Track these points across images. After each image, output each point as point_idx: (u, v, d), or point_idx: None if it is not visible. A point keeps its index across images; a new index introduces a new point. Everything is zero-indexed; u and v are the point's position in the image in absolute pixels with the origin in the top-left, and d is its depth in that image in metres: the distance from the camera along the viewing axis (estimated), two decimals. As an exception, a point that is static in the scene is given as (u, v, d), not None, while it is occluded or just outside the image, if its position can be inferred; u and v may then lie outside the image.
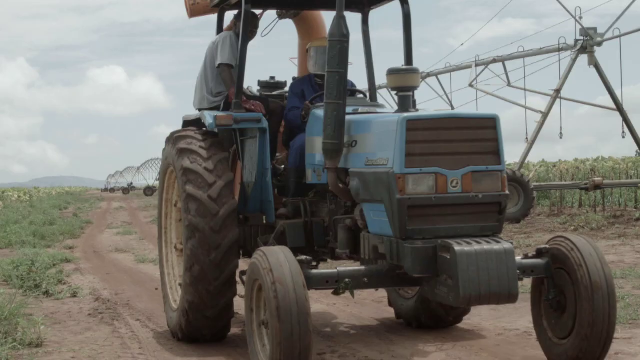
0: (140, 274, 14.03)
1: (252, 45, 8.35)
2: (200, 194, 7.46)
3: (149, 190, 76.43)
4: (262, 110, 8.06)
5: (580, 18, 23.45)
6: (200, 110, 8.46)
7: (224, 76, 8.28)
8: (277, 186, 8.08)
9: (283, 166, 8.31)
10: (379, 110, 7.60)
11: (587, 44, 23.20)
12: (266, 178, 7.86)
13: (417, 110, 6.72)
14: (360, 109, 7.42)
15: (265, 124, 7.79)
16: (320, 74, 8.07)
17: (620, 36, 23.42)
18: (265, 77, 9.38)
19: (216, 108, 8.32)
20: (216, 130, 7.95)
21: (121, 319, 9.49)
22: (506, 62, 26.30)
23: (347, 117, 6.62)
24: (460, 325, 8.49)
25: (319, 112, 7.27)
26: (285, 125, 8.36)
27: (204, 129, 8.17)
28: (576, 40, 23.47)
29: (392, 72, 6.49)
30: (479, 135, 6.08)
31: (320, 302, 10.12)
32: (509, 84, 26.32)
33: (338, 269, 6.26)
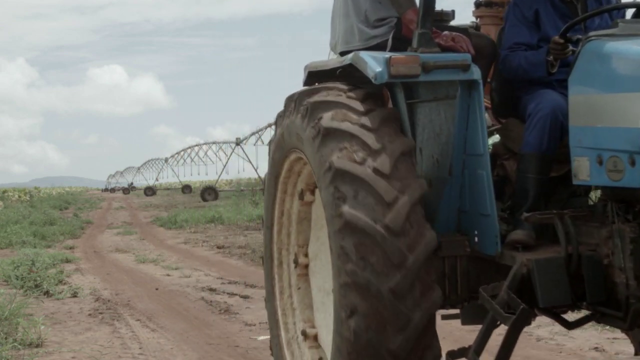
0: (140, 274, 14.03)
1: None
2: (370, 223, 4.02)
3: (149, 190, 76.70)
4: (470, 49, 4.55)
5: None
6: (344, 53, 4.90)
7: None
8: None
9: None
10: None
11: (588, 44, 23.24)
12: (478, 171, 4.42)
13: None
14: None
15: (477, 73, 4.37)
16: None
17: (620, 36, 23.44)
18: None
19: (378, 48, 4.79)
20: (373, 82, 4.37)
21: (121, 319, 9.48)
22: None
23: None
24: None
25: (610, 45, 4.08)
26: (496, 75, 5.01)
27: (362, 87, 4.52)
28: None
29: None
30: None
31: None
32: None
33: None
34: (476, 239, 4.47)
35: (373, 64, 4.33)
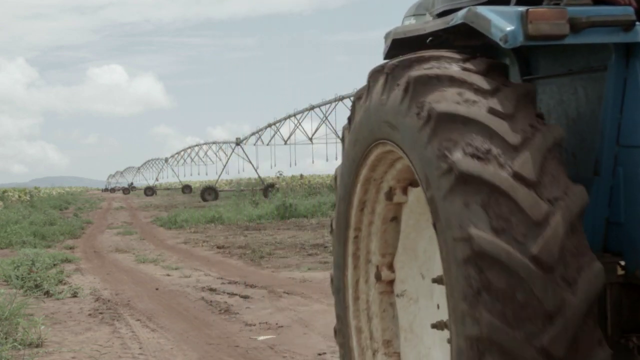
0: (140, 274, 14.03)
1: None
2: (512, 252, 2.80)
3: (149, 190, 76.83)
4: (633, 1, 3.28)
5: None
6: (441, 15, 3.79)
7: None
8: None
9: None
10: None
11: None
12: (638, 169, 3.22)
13: None
14: None
15: None
16: None
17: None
18: None
19: (494, 3, 3.40)
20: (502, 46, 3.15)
21: (121, 319, 9.48)
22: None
23: None
24: None
25: None
26: None
27: (482, 57, 3.29)
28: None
29: None
30: None
31: (321, 302, 10.10)
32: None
33: None
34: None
35: (500, 21, 3.08)
